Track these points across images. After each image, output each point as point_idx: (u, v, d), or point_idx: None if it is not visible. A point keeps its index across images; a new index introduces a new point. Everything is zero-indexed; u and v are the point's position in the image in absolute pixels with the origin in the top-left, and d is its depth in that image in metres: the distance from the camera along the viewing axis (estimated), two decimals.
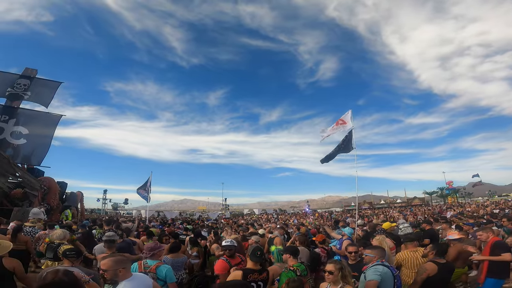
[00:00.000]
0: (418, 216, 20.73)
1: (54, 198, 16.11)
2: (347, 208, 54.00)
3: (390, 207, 48.50)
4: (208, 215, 35.39)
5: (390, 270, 2.92)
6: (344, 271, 2.62)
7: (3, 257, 3.27)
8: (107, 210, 49.08)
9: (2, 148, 15.64)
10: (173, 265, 4.59)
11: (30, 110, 18.83)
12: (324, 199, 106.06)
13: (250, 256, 3.17)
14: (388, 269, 2.91)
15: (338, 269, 2.62)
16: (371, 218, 20.44)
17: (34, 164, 18.09)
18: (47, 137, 18.83)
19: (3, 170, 13.46)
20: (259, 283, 3.05)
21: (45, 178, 16.83)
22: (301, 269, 3.28)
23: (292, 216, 34.64)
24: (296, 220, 23.33)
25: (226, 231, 8.34)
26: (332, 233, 6.66)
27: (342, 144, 7.29)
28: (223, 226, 13.30)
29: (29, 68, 19.00)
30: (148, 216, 18.36)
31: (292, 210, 58.20)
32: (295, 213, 47.39)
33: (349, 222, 10.79)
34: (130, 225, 9.96)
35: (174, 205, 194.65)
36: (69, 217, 16.07)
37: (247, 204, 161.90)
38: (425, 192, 63.66)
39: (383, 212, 32.54)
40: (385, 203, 59.54)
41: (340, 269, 2.63)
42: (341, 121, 7.48)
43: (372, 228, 7.28)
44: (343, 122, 7.44)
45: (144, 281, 2.58)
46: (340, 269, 2.62)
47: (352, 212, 33.87)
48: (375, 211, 40.42)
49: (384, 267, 2.92)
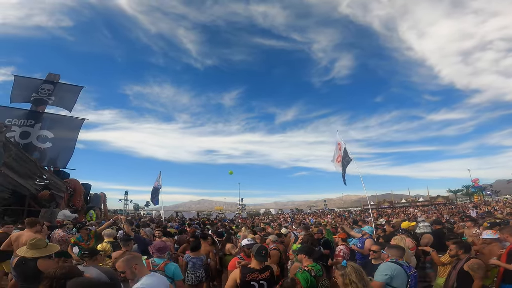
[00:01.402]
0: (444, 215, 19.95)
1: (79, 200, 16.69)
2: (365, 207, 52.76)
3: (412, 206, 46.91)
4: (225, 215, 35.78)
5: (403, 268, 2.86)
6: (344, 278, 2.40)
7: (38, 259, 3.29)
8: (128, 210, 50.75)
9: (29, 151, 16.21)
10: (194, 263, 4.75)
11: (55, 114, 19.41)
12: (342, 198, 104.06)
13: (255, 255, 3.13)
14: (401, 268, 2.85)
15: (340, 275, 2.45)
16: (391, 217, 19.87)
17: (60, 166, 18.66)
18: (71, 141, 19.39)
19: (30, 172, 14.08)
20: (261, 282, 3.00)
21: (70, 180, 17.33)
22: (316, 269, 3.23)
23: (310, 215, 34.35)
24: (313, 220, 23.10)
25: (242, 230, 8.41)
26: (351, 232, 6.57)
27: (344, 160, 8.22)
28: (240, 226, 13.39)
29: (52, 73, 19.48)
30: (167, 216, 18.85)
31: (309, 210, 57.58)
32: (312, 212, 46.87)
33: (368, 221, 10.59)
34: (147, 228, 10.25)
35: (191, 206, 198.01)
36: (93, 218, 16.52)
37: (263, 204, 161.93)
38: (449, 190, 61.01)
39: (403, 211, 31.54)
40: (406, 202, 57.65)
41: (342, 275, 2.43)
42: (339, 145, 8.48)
43: (396, 227, 7.17)
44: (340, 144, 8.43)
45: (163, 279, 2.67)
46: (341, 275, 2.43)
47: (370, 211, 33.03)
48: (396, 210, 39.22)
49: (397, 265, 2.86)
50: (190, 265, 4.76)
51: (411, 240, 5.28)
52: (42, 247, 3.33)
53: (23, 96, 18.18)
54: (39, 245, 3.32)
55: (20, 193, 13.44)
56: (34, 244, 3.31)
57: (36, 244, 3.32)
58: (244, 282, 2.99)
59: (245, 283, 2.98)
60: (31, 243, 3.31)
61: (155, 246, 3.69)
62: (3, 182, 12.40)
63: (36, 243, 3.33)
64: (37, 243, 3.33)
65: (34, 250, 3.27)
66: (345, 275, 2.40)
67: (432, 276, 5.85)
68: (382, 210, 40.98)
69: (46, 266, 3.20)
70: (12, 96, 18.02)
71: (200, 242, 5.27)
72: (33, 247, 3.28)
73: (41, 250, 3.30)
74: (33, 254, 3.24)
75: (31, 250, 3.27)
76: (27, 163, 13.91)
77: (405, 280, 2.80)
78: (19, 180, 13.15)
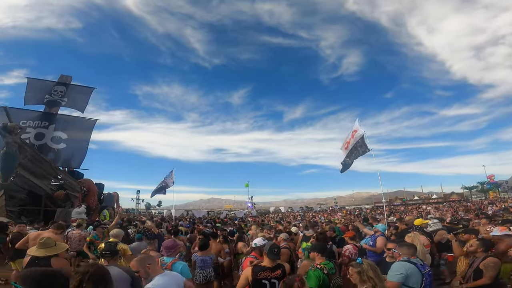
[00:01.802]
0: (459, 212, 19.49)
1: (93, 199, 17.03)
2: (377, 204, 52.01)
3: (425, 203, 45.95)
4: (234, 214, 35.94)
5: (417, 267, 2.80)
6: (362, 275, 2.39)
7: (52, 257, 3.35)
8: (140, 210, 51.66)
9: (44, 152, 16.55)
10: (202, 262, 4.71)
11: (68, 115, 19.74)
12: (353, 195, 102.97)
13: (267, 253, 3.13)
14: (415, 266, 2.79)
15: (356, 273, 2.44)
16: (403, 215, 19.52)
17: (74, 167, 18.99)
18: (84, 141, 19.71)
19: (46, 173, 14.47)
20: (272, 280, 3.00)
21: (84, 180, 17.72)
22: (329, 267, 3.22)
23: (320, 213, 34.15)
24: (323, 218, 22.95)
25: (253, 229, 8.41)
26: (364, 228, 6.49)
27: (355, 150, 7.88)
28: (250, 224, 13.42)
29: (64, 75, 19.77)
30: (178, 215, 19.05)
31: (319, 208, 57.20)
32: (322, 210, 46.57)
33: (380, 218, 10.44)
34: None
35: (201, 204, 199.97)
36: (107, 217, 16.84)
37: (273, 202, 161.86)
38: (463, 187, 59.42)
39: (416, 208, 30.95)
40: (419, 199, 56.52)
41: (358, 273, 2.42)
42: (354, 132, 8.02)
43: (409, 224, 7.04)
44: (355, 131, 7.99)
45: (175, 278, 2.68)
46: (358, 272, 2.42)
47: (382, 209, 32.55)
48: (408, 207, 38.53)
49: (410, 264, 2.81)
50: (198, 264, 4.72)
51: (425, 237, 5.18)
52: (52, 246, 3.42)
53: (37, 98, 18.53)
54: (48, 243, 3.41)
55: (36, 193, 13.83)
56: (44, 243, 3.39)
57: (46, 243, 3.40)
58: (256, 280, 2.99)
59: (256, 282, 2.99)
60: (41, 242, 3.39)
61: (164, 245, 3.74)
62: (19, 182, 12.82)
63: (46, 242, 3.41)
64: (47, 242, 3.41)
65: (44, 249, 3.35)
66: (363, 271, 2.40)
67: (447, 273, 5.74)
68: (394, 207, 40.35)
69: (59, 265, 3.28)
70: (26, 98, 18.39)
71: (208, 241, 5.25)
72: (43, 246, 3.36)
73: (51, 248, 3.38)
74: (44, 253, 3.32)
75: (42, 249, 3.35)
76: (42, 164, 14.30)
77: (420, 278, 2.74)
78: (35, 180, 13.56)
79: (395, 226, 7.55)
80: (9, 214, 11.45)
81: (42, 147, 17.41)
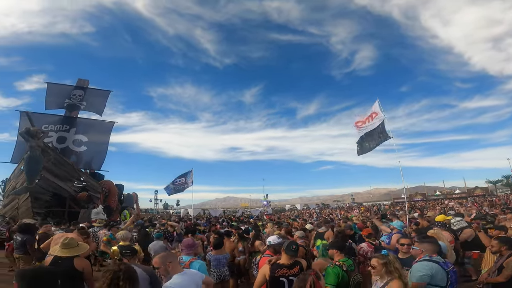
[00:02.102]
0: (484, 207, 18.63)
1: (114, 200, 17.61)
2: (396, 200, 50.61)
3: (447, 198, 44.26)
4: (250, 212, 36.08)
5: (440, 265, 2.69)
6: (389, 266, 2.43)
7: (75, 258, 3.42)
8: (158, 209, 52.88)
9: (66, 155, 17.29)
10: (216, 261, 4.71)
11: (87, 119, 20.46)
12: (370, 191, 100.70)
13: (285, 250, 3.11)
14: (438, 265, 2.68)
15: (382, 264, 2.46)
16: (425, 211, 18.88)
17: (95, 168, 19.69)
18: (104, 143, 20.39)
19: (69, 175, 15.11)
20: (290, 278, 2.96)
21: (105, 182, 18.32)
22: (348, 264, 3.16)
23: (336, 210, 33.67)
24: (340, 215, 22.60)
25: (269, 226, 8.39)
26: (381, 225, 6.32)
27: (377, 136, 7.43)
28: (266, 222, 13.41)
29: (82, 79, 20.28)
30: (195, 214, 19.30)
31: (336, 204, 56.38)
32: (339, 207, 45.86)
33: (399, 215, 10.13)
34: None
35: (217, 203, 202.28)
36: (127, 217, 17.22)
37: (288, 199, 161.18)
38: (488, 181, 56.65)
39: (439, 204, 29.86)
40: (441, 194, 54.51)
41: (385, 264, 2.45)
42: (374, 114, 7.58)
43: (431, 221, 6.81)
44: (376, 114, 7.54)
45: (194, 277, 2.69)
46: (384, 264, 2.45)
47: (402, 205, 31.65)
48: (430, 203, 37.26)
49: (433, 263, 2.70)
50: (213, 263, 4.73)
51: (448, 233, 4.98)
52: (74, 247, 3.53)
53: (57, 103, 19.23)
54: (71, 244, 3.52)
55: (61, 195, 14.47)
56: (67, 243, 3.50)
57: (69, 243, 3.51)
58: (273, 278, 2.97)
59: (274, 279, 2.97)
60: (65, 243, 3.50)
61: (184, 243, 3.78)
62: (44, 185, 13.43)
63: (69, 242, 3.52)
64: (70, 242, 3.52)
65: (67, 249, 3.45)
66: (390, 263, 2.45)
67: (473, 271, 5.51)
68: (414, 203, 39.14)
69: (81, 265, 3.40)
70: (46, 102, 19.12)
71: (223, 240, 5.26)
72: (66, 247, 3.47)
73: (73, 249, 3.49)
74: (67, 253, 3.42)
75: (65, 249, 3.45)
76: (65, 166, 14.93)
77: (445, 276, 2.64)
78: (59, 183, 14.18)
79: (416, 222, 7.30)
80: (35, 215, 12.01)
81: (65, 150, 18.09)
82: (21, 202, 12.91)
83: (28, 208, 12.51)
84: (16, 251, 6.26)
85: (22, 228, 6.45)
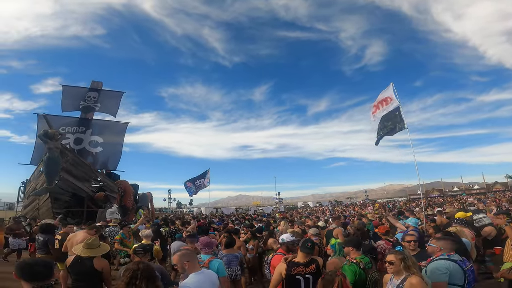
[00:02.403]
0: (503, 203, 17.93)
1: (129, 199, 17.85)
2: (412, 197, 49.38)
3: (466, 194, 42.81)
4: (262, 210, 36.12)
5: (458, 264, 2.60)
6: (407, 261, 2.42)
7: (94, 258, 3.50)
8: (172, 208, 53.72)
9: (83, 156, 17.67)
10: (227, 260, 4.68)
11: (102, 120, 20.73)
12: (384, 188, 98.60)
13: (301, 248, 3.07)
14: (456, 263, 2.60)
15: (400, 259, 2.43)
16: (444, 207, 18.34)
17: (111, 169, 20.00)
18: (118, 144, 20.65)
19: (86, 176, 15.48)
20: (306, 276, 2.92)
21: (121, 181, 18.56)
22: (365, 261, 3.11)
23: (349, 207, 33.23)
24: (353, 212, 22.28)
25: (282, 224, 8.35)
26: (397, 223, 6.17)
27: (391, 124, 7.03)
28: (279, 220, 13.38)
29: (95, 81, 20.55)
30: (208, 213, 19.49)
31: (349, 201, 55.63)
32: (352, 204, 45.23)
33: (416, 211, 9.87)
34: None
35: (230, 202, 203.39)
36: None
37: (300, 197, 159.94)
38: (507, 176, 54.33)
39: (457, 200, 28.94)
40: (459, 190, 52.76)
41: (403, 259, 2.43)
42: (389, 98, 7.19)
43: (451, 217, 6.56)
44: (390, 98, 7.15)
45: (210, 276, 2.71)
46: (402, 259, 2.43)
47: (418, 201, 30.86)
48: (448, 199, 36.19)
49: (450, 261, 2.61)
50: (225, 262, 4.65)
51: (469, 230, 4.81)
52: (97, 247, 3.63)
53: (73, 105, 19.63)
54: (94, 244, 3.62)
55: (79, 195, 14.89)
56: (91, 244, 3.59)
57: (92, 244, 3.61)
58: (290, 276, 2.95)
59: (290, 277, 2.95)
60: (88, 243, 3.60)
61: (202, 242, 3.78)
62: (63, 186, 13.85)
63: (92, 243, 3.62)
64: (93, 243, 3.62)
65: (89, 249, 3.55)
66: (407, 258, 2.46)
67: (493, 269, 5.31)
68: (431, 199, 38.12)
69: (100, 265, 3.49)
70: (62, 105, 19.53)
71: (234, 239, 5.24)
72: (89, 247, 3.56)
73: (95, 249, 3.59)
74: (89, 253, 3.52)
75: (87, 249, 3.55)
76: (83, 167, 15.33)
77: (462, 275, 2.56)
78: (77, 183, 14.59)
79: (433, 218, 7.06)
80: (55, 216, 12.41)
81: (82, 151, 18.49)
82: (42, 202, 13.34)
83: (48, 209, 12.91)
84: (38, 251, 6.38)
85: (44, 229, 6.62)
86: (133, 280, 2.09)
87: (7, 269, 7.53)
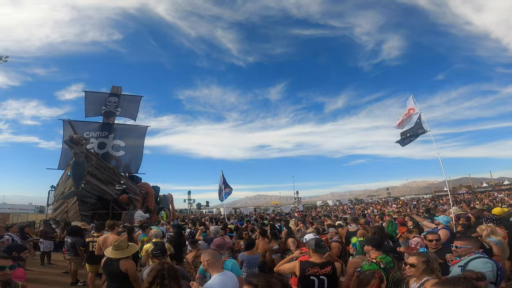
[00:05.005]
0: None
1: (151, 201, 18.46)
2: (438, 193, 47.16)
3: (496, 190, 40.27)
4: (281, 209, 35.92)
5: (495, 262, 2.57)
6: (432, 264, 2.32)
7: (121, 259, 3.56)
8: (192, 209, 54.68)
9: (107, 160, 18.30)
10: (249, 261, 4.68)
11: (123, 124, 21.37)
12: (407, 185, 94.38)
13: (315, 249, 3.01)
14: (494, 261, 2.56)
15: (423, 262, 2.33)
16: (473, 203, 17.39)
17: (133, 172, 20.61)
18: (139, 147, 21.25)
19: (110, 179, 16.04)
20: (321, 277, 2.86)
21: (143, 184, 19.23)
22: (386, 261, 3.00)
23: (371, 205, 32.28)
24: (375, 210, 21.63)
25: (295, 224, 8.27)
26: (424, 221, 5.90)
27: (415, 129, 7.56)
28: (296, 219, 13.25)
29: (115, 86, 21.25)
30: (226, 213, 19.64)
31: (370, 199, 54.05)
32: (374, 202, 43.90)
33: (444, 209, 9.42)
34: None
35: (248, 202, 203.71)
36: (163, 218, 17.89)
37: (319, 195, 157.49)
38: None
39: (487, 196, 27.33)
40: (488, 186, 49.74)
41: (426, 262, 2.33)
42: (411, 110, 7.73)
43: (478, 215, 6.18)
44: (413, 109, 7.69)
45: (232, 277, 2.73)
46: (425, 262, 2.33)
47: (445, 197, 29.42)
48: (477, 195, 34.28)
49: (488, 259, 2.57)
50: (245, 264, 4.71)
51: (501, 228, 4.52)
52: (124, 248, 3.72)
53: (95, 110, 20.40)
54: (121, 246, 3.72)
55: (104, 198, 15.49)
56: (118, 245, 3.71)
57: (119, 245, 3.71)
58: (304, 276, 2.89)
59: (304, 278, 2.89)
60: (115, 245, 3.71)
61: (215, 243, 3.83)
62: (90, 189, 14.44)
63: (119, 244, 3.73)
64: (120, 245, 3.73)
65: (117, 251, 3.66)
66: (431, 261, 2.37)
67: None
68: (458, 196, 36.26)
69: (126, 266, 3.56)
70: (86, 110, 20.36)
71: (254, 240, 5.23)
72: (116, 248, 3.68)
73: (123, 251, 3.68)
74: (116, 255, 3.62)
75: (114, 251, 3.66)
76: (107, 171, 15.91)
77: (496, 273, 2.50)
78: (102, 186, 15.17)
79: (467, 217, 6.61)
80: (83, 218, 12.97)
81: (105, 155, 19.20)
82: (70, 205, 13.92)
83: (76, 211, 13.49)
84: (67, 253, 6.66)
85: (72, 231, 6.93)
86: (157, 280, 2.17)
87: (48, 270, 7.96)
